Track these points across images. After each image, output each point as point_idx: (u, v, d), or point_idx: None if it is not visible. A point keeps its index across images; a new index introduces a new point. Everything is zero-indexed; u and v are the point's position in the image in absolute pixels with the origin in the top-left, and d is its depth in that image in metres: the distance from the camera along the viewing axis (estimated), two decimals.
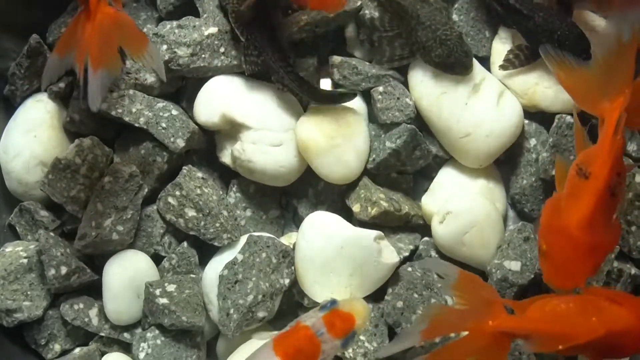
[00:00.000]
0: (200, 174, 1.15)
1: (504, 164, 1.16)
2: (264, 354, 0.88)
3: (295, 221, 1.18)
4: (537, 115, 1.14)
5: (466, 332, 0.88)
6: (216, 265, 1.11)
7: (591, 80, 0.93)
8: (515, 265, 1.07)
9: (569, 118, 1.10)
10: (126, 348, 1.13)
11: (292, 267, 1.09)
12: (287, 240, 1.13)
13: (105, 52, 0.96)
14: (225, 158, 1.15)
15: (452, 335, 1.00)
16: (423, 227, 1.15)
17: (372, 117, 1.16)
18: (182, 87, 1.19)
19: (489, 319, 0.86)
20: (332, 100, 1.12)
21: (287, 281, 1.08)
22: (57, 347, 1.12)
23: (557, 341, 0.83)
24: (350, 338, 0.90)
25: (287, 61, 1.09)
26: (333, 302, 0.91)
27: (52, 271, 1.09)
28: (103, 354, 1.12)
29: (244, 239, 1.11)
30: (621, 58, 0.90)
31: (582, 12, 1.14)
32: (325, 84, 1.20)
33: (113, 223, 1.11)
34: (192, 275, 1.13)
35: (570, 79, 0.95)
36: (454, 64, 1.09)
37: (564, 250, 0.87)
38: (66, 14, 1.20)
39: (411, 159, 1.13)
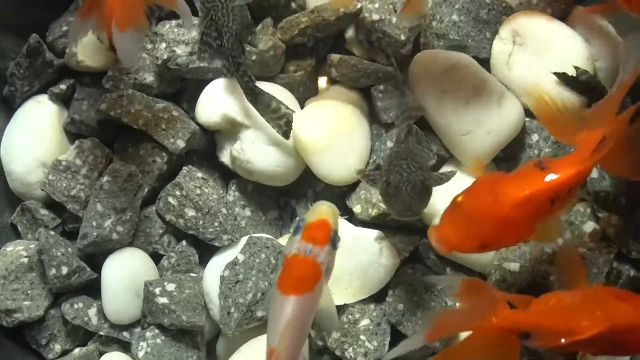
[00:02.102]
0: (200, 174, 1.15)
1: (504, 160, 1.15)
2: (277, 303, 0.87)
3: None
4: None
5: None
6: (217, 265, 1.11)
7: (570, 112, 0.93)
8: (514, 267, 1.07)
9: None
10: (125, 347, 1.14)
11: None
12: (284, 241, 1.13)
13: (130, 12, 0.95)
14: (225, 158, 1.15)
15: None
16: (422, 229, 1.14)
17: (374, 118, 1.16)
18: (182, 88, 1.19)
19: (492, 316, 0.85)
20: (263, 107, 1.08)
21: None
22: (57, 347, 1.13)
23: (560, 335, 0.82)
24: (334, 238, 0.89)
25: (241, 54, 1.07)
26: (301, 220, 0.90)
27: (53, 271, 1.10)
28: (102, 353, 1.13)
29: (244, 240, 1.11)
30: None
31: (582, 13, 1.14)
32: (321, 82, 1.20)
33: (113, 223, 1.11)
34: (192, 275, 1.13)
35: (547, 110, 0.95)
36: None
37: (478, 209, 0.85)
38: (67, 14, 1.20)
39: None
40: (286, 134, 1.08)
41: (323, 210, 0.90)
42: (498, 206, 0.84)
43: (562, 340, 0.82)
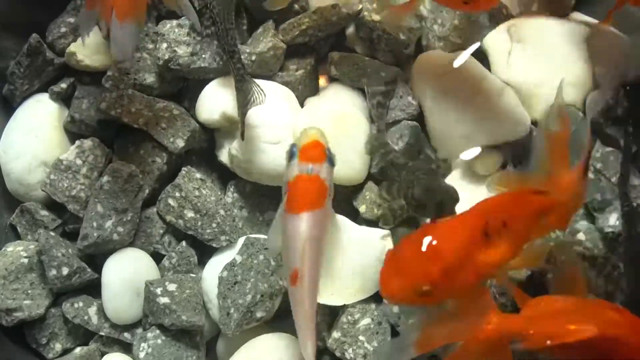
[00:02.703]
0: (198, 175, 1.14)
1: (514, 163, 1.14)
2: (291, 225, 0.90)
3: None
4: None
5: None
6: (215, 266, 1.11)
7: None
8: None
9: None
10: (127, 348, 1.13)
11: None
12: None
13: (132, 4, 0.96)
14: (224, 157, 1.15)
15: None
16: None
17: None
18: (183, 88, 1.19)
19: (485, 323, 0.83)
20: (244, 94, 1.06)
21: (286, 282, 1.08)
22: (58, 346, 1.13)
23: (547, 338, 0.81)
24: (330, 155, 0.94)
25: (235, 43, 1.07)
26: (294, 146, 0.94)
27: (54, 271, 1.10)
28: (103, 354, 1.13)
29: (241, 240, 1.11)
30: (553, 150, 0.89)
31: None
32: (321, 81, 1.20)
33: (114, 224, 1.11)
34: (192, 275, 1.13)
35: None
36: None
37: (412, 259, 0.81)
38: (66, 13, 1.20)
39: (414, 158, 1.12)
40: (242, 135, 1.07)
41: (312, 132, 0.94)
42: (429, 256, 0.81)
43: (548, 342, 0.81)
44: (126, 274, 1.11)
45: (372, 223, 1.11)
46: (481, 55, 1.16)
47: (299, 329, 0.93)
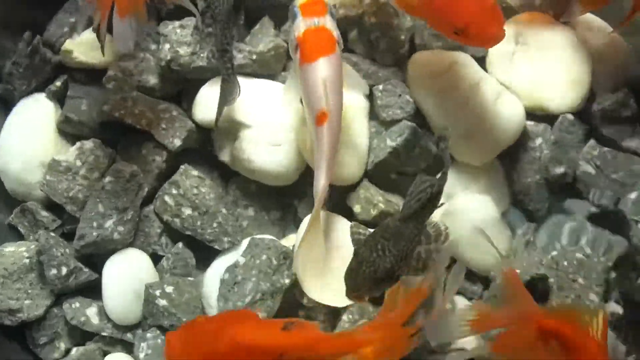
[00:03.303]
0: (196, 172, 1.14)
1: (506, 163, 1.15)
2: (309, 73, 0.97)
3: (296, 222, 1.17)
4: (538, 116, 1.15)
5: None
6: (218, 269, 1.10)
7: None
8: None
9: (570, 116, 1.13)
10: (129, 348, 1.13)
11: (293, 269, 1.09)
12: (287, 242, 1.13)
13: (131, 1, 0.98)
14: (225, 157, 1.15)
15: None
16: None
17: (372, 115, 1.15)
18: (184, 88, 1.19)
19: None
20: (225, 94, 1.07)
21: (287, 281, 1.08)
22: (61, 346, 1.12)
23: None
24: (331, 9, 1.00)
25: (230, 42, 1.07)
26: (294, 6, 1.00)
27: (53, 271, 1.09)
28: (105, 353, 1.12)
29: (245, 242, 1.10)
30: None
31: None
32: None
33: (115, 224, 1.11)
34: (189, 279, 1.12)
35: None
36: None
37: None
38: (64, 12, 1.20)
39: (412, 158, 1.12)
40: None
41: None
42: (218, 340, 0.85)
43: None
44: (127, 275, 1.11)
45: (368, 225, 1.10)
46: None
47: (317, 166, 0.99)
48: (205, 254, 1.14)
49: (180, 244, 1.14)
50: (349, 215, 1.12)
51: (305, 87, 0.98)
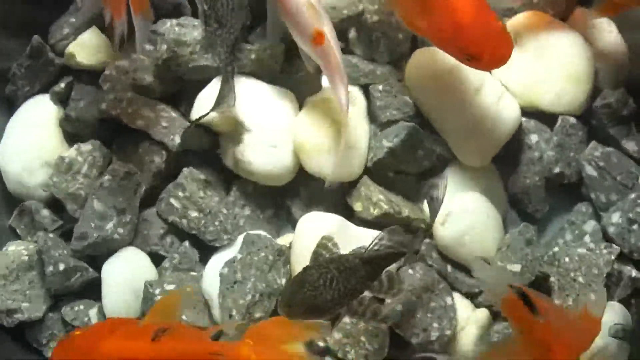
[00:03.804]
0: (202, 176, 1.14)
1: (502, 163, 1.15)
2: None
3: (290, 221, 1.17)
4: (535, 114, 1.14)
5: None
6: (216, 264, 1.11)
7: None
8: (516, 268, 1.07)
9: (572, 119, 1.12)
10: None
11: (288, 267, 1.10)
12: (282, 241, 1.13)
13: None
14: (229, 161, 1.15)
15: None
16: (425, 229, 1.13)
17: (371, 115, 1.15)
18: (181, 90, 1.19)
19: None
20: (220, 97, 1.08)
21: (283, 280, 1.09)
22: None
23: None
24: None
25: (233, 46, 1.09)
26: None
27: (50, 268, 1.10)
28: None
29: (241, 238, 1.11)
30: None
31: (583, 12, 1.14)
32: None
33: (115, 225, 1.12)
34: (192, 273, 1.13)
35: None
36: None
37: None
38: (68, 14, 1.21)
39: (414, 158, 1.12)
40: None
41: None
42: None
43: None
44: (126, 275, 1.11)
45: (369, 224, 1.10)
46: None
47: (332, 81, 1.01)
48: (203, 250, 1.15)
49: (187, 243, 1.14)
50: (350, 215, 1.12)
51: (289, 16, 1.01)
